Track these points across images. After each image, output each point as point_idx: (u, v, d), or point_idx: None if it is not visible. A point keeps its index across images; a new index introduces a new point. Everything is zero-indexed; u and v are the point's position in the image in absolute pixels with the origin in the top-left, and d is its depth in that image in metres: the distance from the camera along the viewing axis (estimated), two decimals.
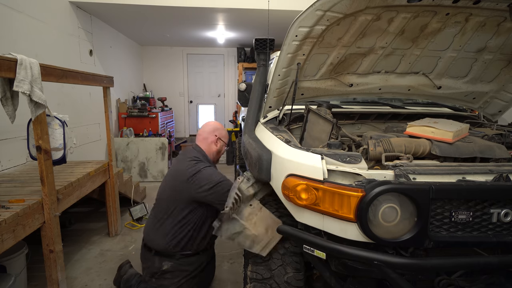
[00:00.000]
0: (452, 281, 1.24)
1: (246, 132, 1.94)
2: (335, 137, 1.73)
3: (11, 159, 2.84)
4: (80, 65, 4.19)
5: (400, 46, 1.88)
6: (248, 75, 7.10)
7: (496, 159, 1.50)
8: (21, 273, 2.11)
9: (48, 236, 2.00)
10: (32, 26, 3.19)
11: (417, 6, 1.56)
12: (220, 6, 4.09)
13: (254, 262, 1.52)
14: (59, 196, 2.12)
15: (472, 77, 2.16)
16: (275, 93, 2.01)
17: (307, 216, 1.34)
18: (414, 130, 1.65)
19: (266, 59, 2.13)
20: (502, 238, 1.21)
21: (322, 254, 1.29)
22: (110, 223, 3.08)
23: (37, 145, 1.90)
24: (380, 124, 2.31)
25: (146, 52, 7.46)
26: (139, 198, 3.95)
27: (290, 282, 1.45)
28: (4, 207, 1.79)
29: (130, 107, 5.97)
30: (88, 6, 4.10)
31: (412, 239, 1.18)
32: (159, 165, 5.13)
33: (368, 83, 2.13)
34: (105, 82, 2.87)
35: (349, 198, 1.17)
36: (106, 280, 2.39)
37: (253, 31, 5.59)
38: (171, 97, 7.54)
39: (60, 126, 2.17)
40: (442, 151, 1.48)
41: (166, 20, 4.91)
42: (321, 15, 1.51)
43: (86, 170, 2.68)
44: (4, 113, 1.85)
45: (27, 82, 1.73)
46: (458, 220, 1.19)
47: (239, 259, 2.68)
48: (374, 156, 1.47)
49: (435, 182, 1.18)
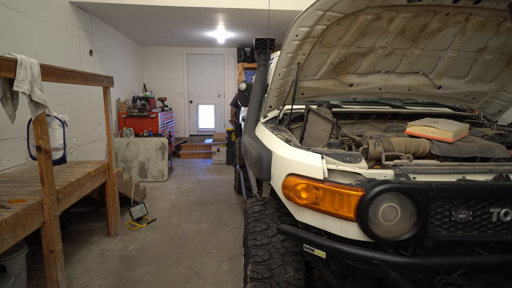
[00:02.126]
0: (452, 280, 1.24)
1: (246, 132, 1.94)
2: (335, 136, 1.74)
3: (11, 159, 2.84)
4: (80, 65, 4.19)
5: (400, 46, 1.88)
6: (248, 75, 7.10)
7: (496, 159, 1.50)
8: (21, 273, 2.11)
9: (48, 236, 2.00)
10: (32, 26, 3.19)
11: (417, 6, 1.56)
12: (220, 6, 4.09)
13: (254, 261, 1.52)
14: (59, 196, 2.12)
15: (472, 77, 2.16)
16: (275, 92, 2.01)
17: (307, 216, 1.34)
18: (414, 130, 1.65)
19: (266, 59, 2.14)
20: (502, 237, 1.21)
21: (322, 253, 1.29)
22: (110, 223, 3.08)
23: (37, 145, 1.90)
24: (380, 124, 2.31)
25: (146, 52, 7.46)
26: (139, 198, 3.95)
27: (290, 282, 1.45)
28: (4, 207, 1.79)
29: (130, 107, 5.97)
30: (88, 6, 4.10)
31: (412, 238, 1.18)
32: (159, 165, 5.13)
33: (368, 83, 2.13)
34: (105, 82, 2.87)
35: (349, 198, 1.17)
36: (106, 280, 2.39)
37: (253, 31, 5.59)
38: (171, 97, 7.54)
39: (60, 126, 2.17)
40: (442, 151, 1.48)
41: (166, 20, 4.92)
42: (321, 15, 1.51)
43: (86, 170, 2.68)
44: (4, 113, 1.85)
45: (27, 82, 1.73)
46: (458, 219, 1.20)
47: (239, 259, 2.68)
48: (374, 155, 1.47)
49: (435, 182, 1.18)
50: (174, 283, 2.36)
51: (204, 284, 2.35)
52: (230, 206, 3.91)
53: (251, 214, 1.71)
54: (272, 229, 1.58)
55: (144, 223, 3.40)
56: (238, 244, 2.94)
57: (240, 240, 3.03)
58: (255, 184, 2.51)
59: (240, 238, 3.06)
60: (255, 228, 1.60)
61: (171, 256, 2.72)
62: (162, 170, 5.14)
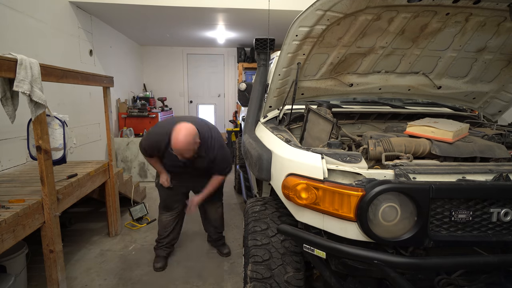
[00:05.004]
0: (452, 281, 1.24)
1: (246, 132, 1.94)
2: (335, 136, 1.73)
3: (11, 159, 2.84)
4: (80, 65, 4.19)
5: (400, 46, 1.88)
6: (248, 75, 7.10)
7: (496, 159, 1.50)
8: (21, 273, 2.11)
9: (48, 236, 2.00)
10: (32, 26, 3.19)
11: (417, 6, 1.56)
12: (220, 6, 4.09)
13: (254, 261, 1.52)
14: (59, 196, 2.12)
15: (472, 77, 2.16)
16: (275, 92, 2.01)
17: (307, 216, 1.34)
18: (414, 130, 1.65)
19: (266, 59, 2.14)
20: (502, 237, 1.21)
21: (322, 253, 1.29)
22: (110, 223, 3.08)
23: (37, 145, 1.90)
24: (380, 124, 2.31)
25: (146, 52, 7.45)
26: (139, 198, 3.95)
27: (290, 282, 1.45)
28: (4, 207, 1.79)
29: (130, 107, 5.97)
30: (88, 6, 4.10)
31: (412, 239, 1.18)
32: None
33: (368, 83, 2.13)
34: (105, 82, 2.87)
35: (349, 198, 1.17)
36: (106, 280, 2.39)
37: (253, 31, 5.59)
38: (171, 97, 7.54)
39: (60, 126, 2.17)
40: (442, 151, 1.48)
41: (166, 20, 4.91)
42: (321, 15, 1.51)
43: (86, 170, 2.68)
44: (4, 113, 1.85)
45: (27, 82, 1.73)
46: (458, 219, 1.20)
47: (239, 259, 2.68)
48: (374, 155, 1.47)
49: (435, 182, 1.18)
50: (174, 283, 2.36)
51: (204, 284, 2.35)
52: (230, 206, 3.91)
53: (251, 214, 1.71)
54: (272, 229, 1.58)
55: (144, 223, 3.40)
56: (238, 244, 2.94)
57: (240, 240, 3.03)
58: (255, 184, 2.51)
59: (240, 238, 3.06)
60: (255, 228, 1.60)
61: (171, 256, 2.72)
62: None
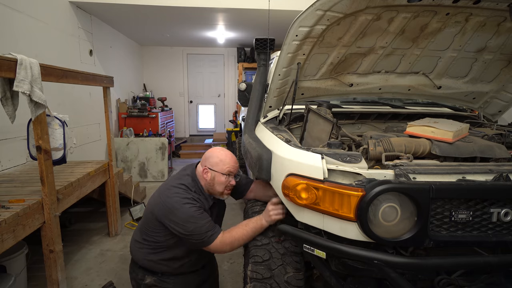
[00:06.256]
0: (452, 281, 1.24)
1: (246, 132, 1.94)
2: (335, 136, 1.73)
3: (11, 159, 2.83)
4: (80, 65, 4.19)
5: (400, 46, 1.88)
6: (248, 75, 7.10)
7: (496, 159, 1.50)
8: (21, 273, 2.11)
9: (48, 236, 2.00)
10: (32, 26, 3.19)
11: (417, 6, 1.56)
12: (220, 6, 4.09)
13: (254, 262, 1.52)
14: (59, 196, 2.11)
15: (472, 77, 2.16)
16: (275, 92, 2.01)
17: (307, 216, 1.33)
18: (414, 130, 1.65)
19: (266, 59, 2.13)
20: (502, 237, 1.21)
21: (322, 253, 1.29)
22: (110, 223, 3.08)
23: (37, 145, 1.90)
24: (380, 124, 2.31)
25: (146, 52, 7.45)
26: (139, 198, 3.95)
27: (290, 282, 1.45)
28: (4, 207, 1.79)
29: (130, 107, 5.97)
30: (88, 6, 4.10)
31: (412, 239, 1.18)
32: (159, 165, 5.13)
33: (368, 83, 2.13)
34: (105, 82, 2.87)
35: (349, 198, 1.17)
36: (106, 280, 2.39)
37: (253, 31, 5.59)
38: (171, 97, 7.54)
39: (60, 126, 2.17)
40: (442, 151, 1.48)
41: (166, 20, 4.91)
42: (321, 15, 1.51)
43: (86, 170, 2.68)
44: (4, 113, 1.85)
45: (27, 82, 1.73)
46: (458, 219, 1.19)
47: (239, 259, 2.68)
48: (374, 155, 1.47)
49: (435, 182, 1.18)
50: None
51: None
52: (230, 206, 3.90)
53: (251, 214, 1.71)
54: (272, 229, 1.58)
55: None
56: None
57: None
58: None
59: None
60: None
61: None
62: (162, 170, 5.14)
